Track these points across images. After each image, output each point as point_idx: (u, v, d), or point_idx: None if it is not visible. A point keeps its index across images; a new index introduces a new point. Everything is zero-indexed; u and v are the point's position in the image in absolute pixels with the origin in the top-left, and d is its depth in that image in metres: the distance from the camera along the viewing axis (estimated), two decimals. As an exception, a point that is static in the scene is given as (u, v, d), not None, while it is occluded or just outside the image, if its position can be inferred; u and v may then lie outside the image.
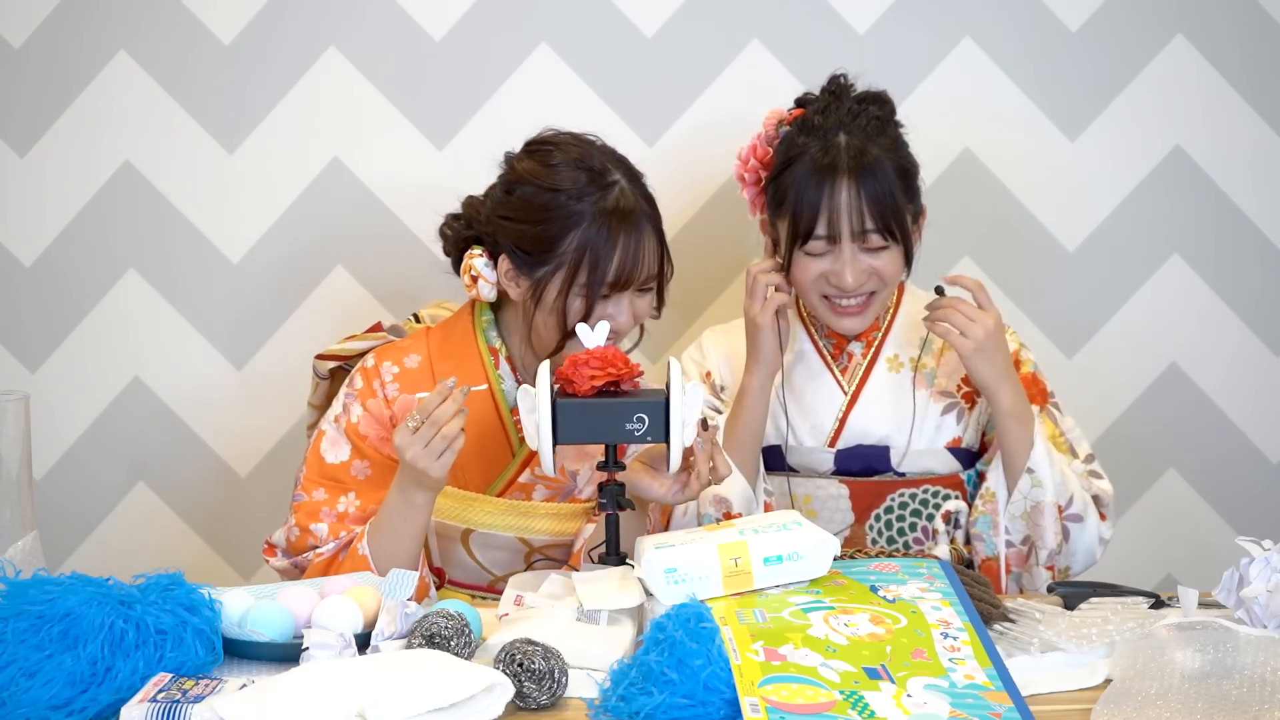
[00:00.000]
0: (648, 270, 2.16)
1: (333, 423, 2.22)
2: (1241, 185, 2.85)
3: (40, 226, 2.78)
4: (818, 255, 2.27)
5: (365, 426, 2.19)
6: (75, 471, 2.82)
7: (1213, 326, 2.88)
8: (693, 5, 2.78)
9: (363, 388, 2.21)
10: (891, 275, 2.28)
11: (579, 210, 2.14)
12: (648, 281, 2.17)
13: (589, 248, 2.12)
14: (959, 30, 2.80)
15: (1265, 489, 2.91)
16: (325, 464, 2.19)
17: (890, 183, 2.24)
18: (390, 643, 1.73)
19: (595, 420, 1.94)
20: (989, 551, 2.29)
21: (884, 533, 2.35)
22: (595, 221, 2.13)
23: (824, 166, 2.24)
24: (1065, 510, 2.28)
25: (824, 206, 2.23)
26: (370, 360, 2.24)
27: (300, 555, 2.17)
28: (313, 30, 2.76)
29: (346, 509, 2.17)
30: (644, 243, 2.15)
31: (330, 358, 2.34)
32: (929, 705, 1.55)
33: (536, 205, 2.16)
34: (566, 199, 2.14)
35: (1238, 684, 1.63)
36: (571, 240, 2.13)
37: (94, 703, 1.60)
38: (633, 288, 2.16)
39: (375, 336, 2.33)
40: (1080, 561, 2.31)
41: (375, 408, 2.20)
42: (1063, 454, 2.33)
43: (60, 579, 1.72)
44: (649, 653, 1.60)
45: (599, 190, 2.15)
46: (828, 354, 2.40)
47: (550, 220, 2.14)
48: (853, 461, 2.36)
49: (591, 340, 2.01)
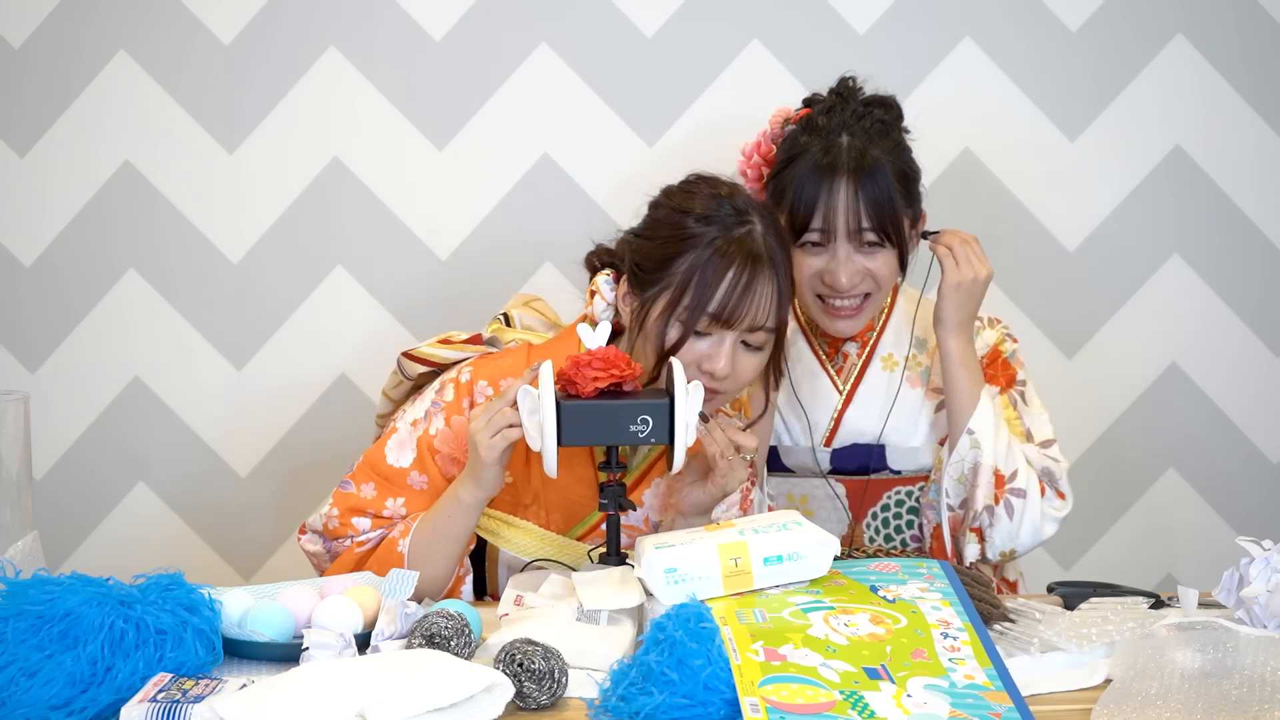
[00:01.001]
0: (755, 317, 2.04)
1: (409, 425, 2.14)
2: (1241, 185, 2.86)
3: (40, 226, 2.78)
4: (813, 254, 2.27)
5: (441, 442, 2.11)
6: (75, 471, 2.82)
7: (1213, 327, 2.88)
8: (693, 5, 2.78)
9: (452, 402, 2.13)
10: (886, 278, 2.29)
11: (700, 234, 2.05)
12: (755, 332, 2.06)
13: (698, 272, 2.03)
14: (959, 30, 2.80)
15: (1265, 489, 2.91)
16: (385, 462, 2.12)
17: (889, 185, 2.24)
18: (390, 643, 1.73)
19: (599, 422, 1.93)
20: (938, 518, 2.30)
21: (881, 530, 2.36)
22: (712, 248, 2.04)
23: (824, 165, 2.24)
24: (1008, 483, 2.26)
25: (821, 204, 2.24)
26: (466, 375, 2.14)
27: (335, 541, 2.12)
28: (313, 30, 2.76)
29: (393, 513, 2.11)
30: (758, 287, 2.03)
31: (421, 361, 2.24)
32: (929, 705, 1.55)
33: (664, 223, 2.09)
34: (693, 222, 2.06)
35: (1238, 684, 1.63)
36: (684, 262, 2.04)
37: (94, 703, 1.60)
38: (736, 329, 2.04)
39: (474, 348, 2.23)
40: (1026, 541, 2.28)
41: (459, 425, 2.11)
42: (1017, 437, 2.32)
43: (60, 579, 1.72)
44: (649, 653, 1.60)
45: (729, 223, 2.06)
46: (823, 354, 2.41)
47: (671, 239, 2.07)
48: (848, 460, 2.37)
49: (592, 340, 2.00)
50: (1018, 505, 2.26)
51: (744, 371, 2.08)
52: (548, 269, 2.80)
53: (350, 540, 2.11)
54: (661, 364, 2.05)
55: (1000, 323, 2.41)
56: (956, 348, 2.28)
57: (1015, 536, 2.27)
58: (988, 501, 2.26)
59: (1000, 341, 2.38)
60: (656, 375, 2.06)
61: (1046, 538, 2.30)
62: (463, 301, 2.72)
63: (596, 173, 2.80)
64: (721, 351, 2.05)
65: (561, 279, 2.79)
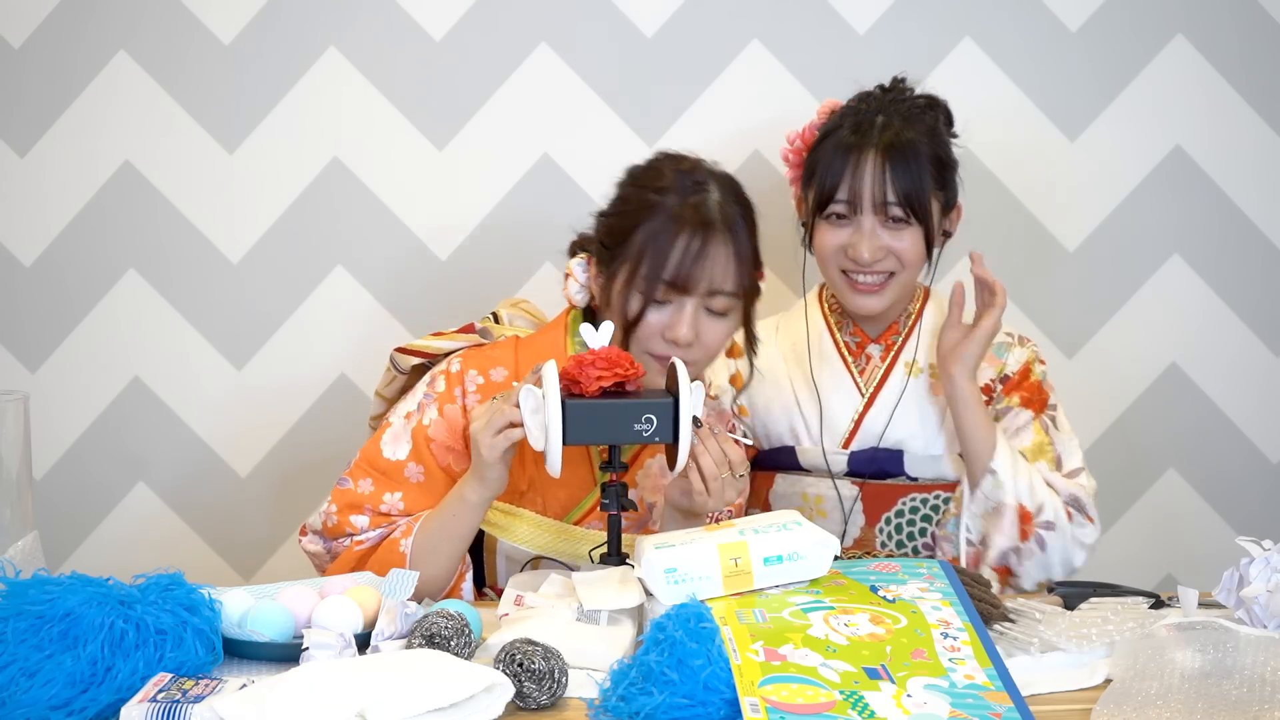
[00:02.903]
0: (712, 281, 2.07)
1: (402, 419, 2.16)
2: (1241, 185, 2.86)
3: (40, 226, 2.78)
4: (838, 226, 2.28)
5: (435, 431, 2.13)
6: (75, 471, 2.82)
7: (1213, 326, 2.88)
8: (693, 5, 2.78)
9: (444, 392, 2.16)
10: (910, 257, 2.28)
11: (655, 203, 2.09)
12: (715, 296, 2.08)
13: (652, 240, 2.06)
14: (959, 30, 2.80)
15: (1265, 489, 2.91)
16: (381, 457, 2.14)
17: (920, 165, 2.25)
18: (390, 643, 1.73)
19: (603, 421, 1.93)
20: (953, 553, 2.30)
21: (894, 536, 2.35)
22: (666, 216, 2.07)
23: (855, 140, 2.27)
24: (1036, 518, 2.27)
25: (848, 175, 2.26)
26: (456, 365, 2.18)
27: (335, 540, 2.14)
28: (313, 30, 2.75)
29: (391, 508, 2.12)
30: (711, 252, 2.06)
31: (414, 353, 2.27)
32: (929, 705, 1.54)
33: (623, 197, 2.15)
34: (650, 194, 2.10)
35: (1238, 684, 1.63)
36: (641, 233, 2.08)
37: (94, 703, 1.60)
38: (695, 294, 2.07)
39: (465, 337, 2.26)
40: (1058, 572, 2.28)
41: (451, 414, 2.14)
42: (1048, 463, 2.33)
43: (60, 579, 1.72)
44: (649, 653, 1.60)
45: (685, 191, 2.09)
46: (848, 355, 2.40)
47: (628, 212, 2.11)
48: (866, 464, 2.36)
49: (596, 340, 2.00)
50: (1049, 538, 2.27)
51: (710, 338, 2.11)
52: (548, 269, 2.80)
53: (350, 540, 2.11)
54: (629, 335, 2.08)
55: (1030, 341, 2.41)
56: (970, 390, 2.28)
57: (1049, 568, 2.28)
58: (1014, 543, 2.26)
59: (1032, 362, 2.38)
60: (625, 346, 2.08)
61: (1077, 566, 2.30)
62: (462, 301, 2.72)
63: (596, 173, 2.78)
64: (683, 318, 2.08)
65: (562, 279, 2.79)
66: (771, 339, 2.42)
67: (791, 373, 2.41)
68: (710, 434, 1.97)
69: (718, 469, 1.96)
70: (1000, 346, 2.39)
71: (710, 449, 1.96)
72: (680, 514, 2.05)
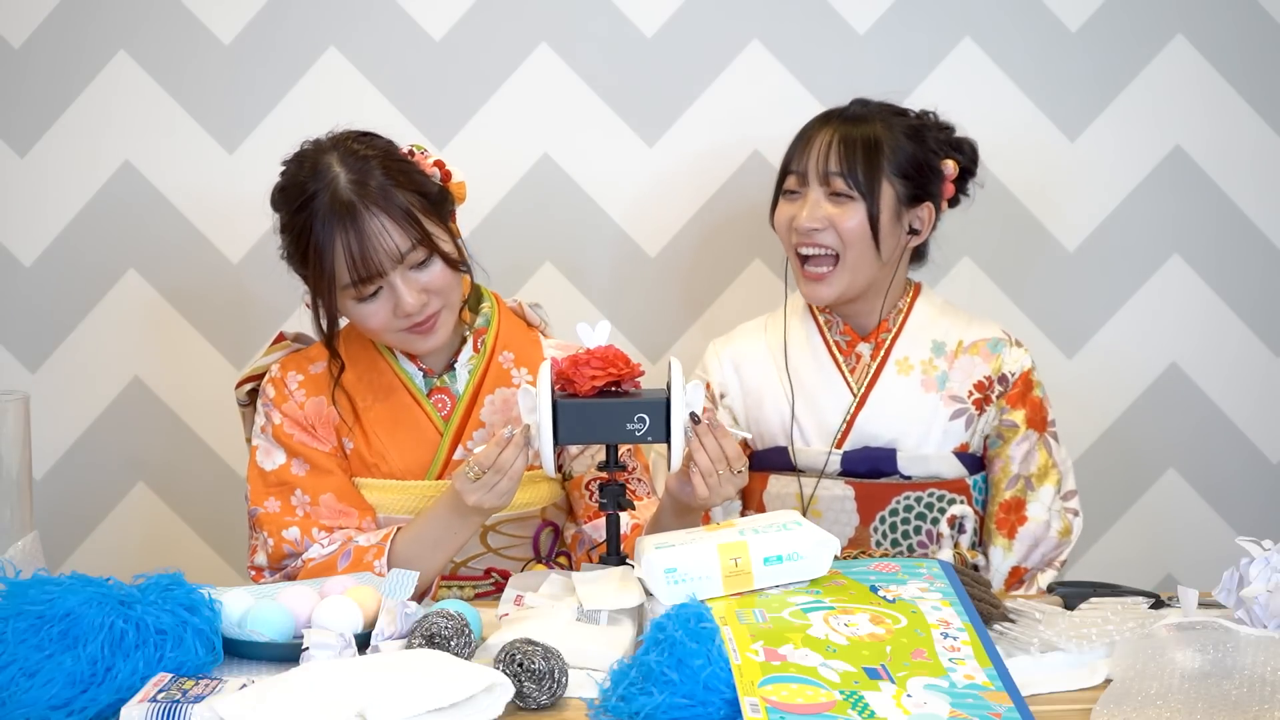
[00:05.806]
0: (389, 252, 2.06)
1: (260, 433, 2.23)
2: (1241, 185, 2.85)
3: (40, 226, 2.78)
4: (790, 201, 2.34)
5: (289, 428, 2.21)
6: (75, 471, 2.82)
7: (1213, 326, 2.88)
8: (693, 5, 2.78)
9: (275, 395, 2.23)
10: (851, 235, 2.29)
11: (299, 222, 2.10)
12: (403, 263, 2.08)
13: (318, 256, 2.08)
14: (959, 30, 2.80)
15: (1265, 489, 2.91)
16: (266, 474, 2.20)
17: (875, 145, 2.28)
18: (390, 643, 1.73)
19: (596, 420, 1.94)
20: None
21: (888, 535, 2.35)
22: (313, 226, 2.08)
23: (819, 123, 2.34)
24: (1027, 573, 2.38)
25: (803, 151, 2.32)
26: (275, 370, 2.25)
27: (283, 563, 2.17)
28: (313, 30, 2.76)
29: (303, 508, 2.17)
30: (367, 230, 2.05)
31: (246, 381, 2.32)
32: (929, 705, 1.55)
33: (280, 225, 2.16)
34: (289, 214, 2.12)
35: (1238, 684, 1.63)
36: (310, 253, 2.09)
37: (94, 703, 1.60)
38: (387, 274, 2.08)
39: (280, 348, 2.32)
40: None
41: (290, 410, 2.21)
42: (1051, 485, 2.35)
43: (60, 579, 1.72)
44: (649, 653, 1.60)
45: (310, 190, 2.09)
46: (838, 354, 2.40)
47: (290, 238, 2.14)
48: (859, 463, 2.36)
49: (592, 340, 2.00)
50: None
51: (434, 285, 2.11)
52: (547, 269, 2.80)
53: (299, 560, 2.15)
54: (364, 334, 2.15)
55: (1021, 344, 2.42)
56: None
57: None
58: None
59: (1031, 372, 2.39)
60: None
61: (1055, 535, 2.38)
62: (463, 301, 2.72)
63: (596, 173, 2.80)
64: (399, 293, 2.09)
65: (561, 279, 2.79)
66: (760, 338, 2.43)
67: (781, 373, 2.40)
68: (708, 430, 1.97)
69: (714, 465, 1.96)
70: (996, 342, 2.39)
71: (707, 445, 1.96)
72: (678, 507, 2.05)
